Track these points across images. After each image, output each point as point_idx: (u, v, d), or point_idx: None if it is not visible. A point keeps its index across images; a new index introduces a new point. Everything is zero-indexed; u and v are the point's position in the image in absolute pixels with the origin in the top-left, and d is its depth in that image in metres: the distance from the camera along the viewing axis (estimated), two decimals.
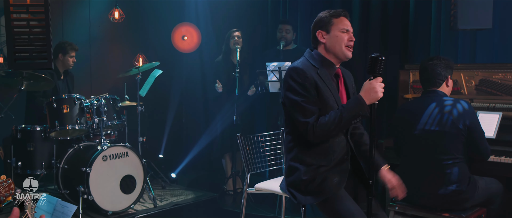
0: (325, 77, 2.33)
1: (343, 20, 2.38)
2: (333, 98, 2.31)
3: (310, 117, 2.22)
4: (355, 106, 2.21)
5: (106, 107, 4.13)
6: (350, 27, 2.39)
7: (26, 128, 4.09)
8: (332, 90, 2.33)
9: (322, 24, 2.39)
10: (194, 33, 6.25)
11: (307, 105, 2.24)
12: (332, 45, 2.36)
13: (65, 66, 4.63)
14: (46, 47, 2.57)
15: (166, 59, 6.00)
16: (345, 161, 2.36)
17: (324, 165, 2.31)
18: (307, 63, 2.35)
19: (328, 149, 2.31)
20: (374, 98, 2.21)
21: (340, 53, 2.35)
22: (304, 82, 2.25)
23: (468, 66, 3.67)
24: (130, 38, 6.14)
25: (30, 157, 4.05)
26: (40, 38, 2.56)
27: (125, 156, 4.04)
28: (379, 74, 2.24)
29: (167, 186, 5.08)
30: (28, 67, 2.68)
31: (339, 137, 2.34)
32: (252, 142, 3.14)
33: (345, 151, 2.37)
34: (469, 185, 2.85)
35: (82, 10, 5.73)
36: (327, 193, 2.27)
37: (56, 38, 5.32)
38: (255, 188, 2.96)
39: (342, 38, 2.34)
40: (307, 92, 2.25)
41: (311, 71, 2.30)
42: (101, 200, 3.85)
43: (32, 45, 2.56)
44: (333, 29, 2.36)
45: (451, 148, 2.82)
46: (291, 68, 2.31)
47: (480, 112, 3.45)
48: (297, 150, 2.35)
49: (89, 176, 3.79)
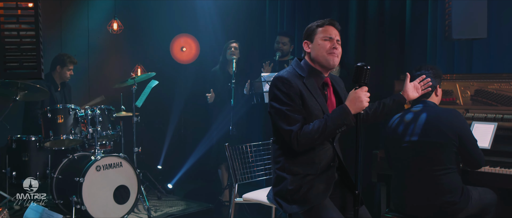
0: (311, 86, 2.32)
1: (327, 29, 2.38)
2: (319, 107, 2.30)
3: (294, 125, 2.22)
4: (339, 116, 2.20)
5: (101, 118, 4.14)
6: (335, 35, 2.38)
7: (21, 138, 4.11)
8: (319, 99, 2.32)
9: (308, 34, 2.43)
10: (193, 44, 6.29)
11: (291, 114, 2.23)
12: (315, 53, 2.37)
13: (62, 78, 4.66)
14: (36, 57, 2.59)
15: (165, 70, 6.04)
16: (331, 168, 2.35)
17: (311, 173, 2.30)
18: (293, 72, 2.35)
19: (314, 158, 2.30)
20: (359, 108, 2.20)
21: (323, 60, 2.35)
22: (288, 91, 2.25)
23: (463, 76, 3.65)
24: (128, 49, 6.18)
25: (24, 167, 4.06)
26: (30, 48, 2.58)
27: (119, 167, 4.04)
28: (365, 83, 2.23)
29: (163, 196, 5.06)
30: (18, 76, 2.70)
31: (325, 145, 2.33)
32: (240, 152, 3.13)
33: (332, 159, 2.36)
34: (462, 196, 2.82)
35: (81, 22, 5.78)
36: (312, 202, 2.26)
37: (54, 49, 5.36)
38: (243, 198, 2.94)
39: (324, 45, 2.35)
40: (292, 101, 2.25)
41: (296, 80, 2.30)
42: (94, 210, 3.83)
43: (22, 55, 2.59)
44: (316, 38, 2.38)
45: (442, 158, 2.79)
46: (276, 77, 2.31)
47: (475, 123, 3.42)
48: (283, 159, 2.34)
49: (82, 186, 3.79)
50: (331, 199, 2.37)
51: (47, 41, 5.50)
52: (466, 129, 2.84)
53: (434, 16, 4.02)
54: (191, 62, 6.31)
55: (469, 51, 4.01)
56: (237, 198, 3.02)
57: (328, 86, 2.42)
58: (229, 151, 3.07)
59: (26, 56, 2.57)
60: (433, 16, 4.02)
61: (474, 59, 4.02)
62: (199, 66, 6.15)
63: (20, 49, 2.56)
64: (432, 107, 2.95)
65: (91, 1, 5.83)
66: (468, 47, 4.00)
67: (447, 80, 3.67)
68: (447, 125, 2.80)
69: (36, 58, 2.58)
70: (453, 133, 2.78)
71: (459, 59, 4.07)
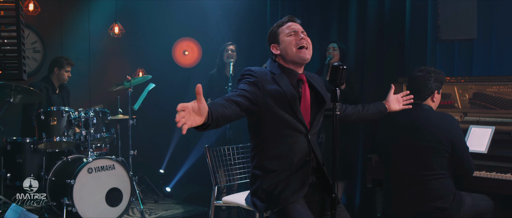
0: (283, 83, 2.29)
1: (289, 25, 2.38)
2: (287, 104, 2.25)
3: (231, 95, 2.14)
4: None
5: (95, 120, 4.14)
6: (297, 28, 2.37)
7: (16, 140, 4.13)
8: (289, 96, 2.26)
9: (272, 37, 2.41)
10: (195, 48, 6.28)
11: (240, 86, 2.20)
12: (285, 52, 2.34)
13: (60, 80, 4.68)
14: (17, 58, 2.59)
15: (167, 74, 6.03)
16: (307, 164, 2.29)
17: (286, 169, 2.25)
18: (264, 70, 2.34)
19: (288, 151, 2.26)
20: None
21: (294, 56, 2.32)
22: (248, 78, 2.24)
23: (461, 79, 3.57)
24: (130, 52, 6.20)
25: (19, 169, 4.08)
26: (12, 49, 2.59)
27: (111, 169, 4.02)
28: (341, 83, 2.17)
29: (160, 200, 5.04)
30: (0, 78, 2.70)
31: (298, 137, 2.28)
32: (220, 154, 3.09)
33: (307, 152, 2.30)
34: (454, 202, 2.74)
35: (82, 25, 5.82)
36: (284, 202, 2.21)
37: (55, 52, 5.42)
38: (222, 201, 2.89)
39: (290, 41, 2.33)
40: (246, 85, 2.21)
41: (263, 75, 2.28)
42: (85, 212, 3.82)
43: (4, 56, 2.59)
44: (281, 37, 2.37)
45: (433, 163, 2.73)
46: (244, 69, 2.32)
47: (473, 126, 3.33)
48: (258, 157, 2.31)
49: (73, 188, 3.78)
50: (310, 203, 2.33)
51: (48, 45, 5.58)
52: (459, 135, 2.77)
53: (434, 17, 3.95)
54: (194, 65, 6.31)
55: (469, 53, 3.94)
56: (216, 201, 2.97)
57: (303, 82, 2.37)
58: (209, 154, 3.02)
59: (7, 57, 2.58)
60: (433, 18, 3.95)
61: (474, 62, 3.94)
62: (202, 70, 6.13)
63: (2, 50, 2.57)
64: (426, 111, 2.88)
65: (92, 5, 5.88)
66: (469, 49, 3.92)
67: (445, 83, 3.58)
68: (439, 130, 2.74)
69: (18, 59, 2.59)
70: (446, 138, 2.72)
71: (459, 62, 4.00)
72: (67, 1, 5.73)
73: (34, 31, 5.51)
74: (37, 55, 5.54)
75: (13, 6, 2.58)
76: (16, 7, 2.59)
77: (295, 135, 2.26)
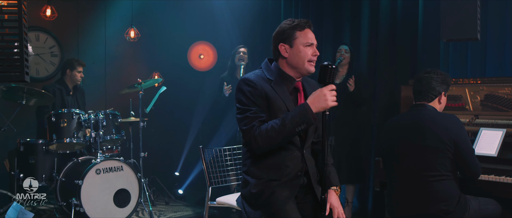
0: (280, 90, 2.23)
1: (307, 33, 2.23)
2: (286, 110, 2.21)
3: (253, 125, 2.13)
4: (299, 113, 2.08)
5: (105, 122, 4.21)
6: (314, 40, 2.25)
7: (28, 141, 4.24)
8: (287, 102, 2.22)
9: (285, 37, 2.24)
10: (210, 52, 6.32)
11: (251, 115, 2.15)
12: (295, 60, 2.23)
13: (74, 81, 4.78)
14: (19, 60, 2.67)
15: (182, 78, 6.09)
16: (298, 178, 2.24)
17: (275, 179, 2.21)
18: (261, 75, 2.26)
19: (280, 164, 2.21)
20: (323, 106, 2.08)
21: (303, 69, 2.24)
22: (252, 93, 2.17)
23: (472, 80, 3.49)
24: (145, 56, 6.29)
25: (31, 169, 4.18)
26: (14, 52, 2.67)
27: (120, 170, 4.08)
28: (330, 83, 2.12)
29: (171, 202, 5.08)
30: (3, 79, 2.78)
31: (293, 151, 2.23)
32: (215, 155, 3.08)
33: (300, 168, 2.25)
34: (458, 205, 2.66)
35: (99, 30, 5.94)
36: (273, 207, 2.18)
37: (72, 56, 5.53)
38: (216, 201, 2.89)
39: (306, 53, 2.21)
40: (254, 102, 2.17)
41: (263, 83, 2.21)
42: (93, 213, 3.89)
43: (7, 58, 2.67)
44: (296, 43, 2.22)
45: (436, 164, 2.66)
46: (242, 79, 2.23)
47: (483, 129, 3.25)
48: (250, 163, 2.28)
49: (80, 188, 3.85)
50: (302, 205, 2.30)
51: (65, 49, 5.72)
52: (462, 136, 2.70)
53: None
54: (209, 69, 6.34)
55: (482, 54, 3.83)
56: (210, 202, 2.97)
57: (299, 91, 2.32)
58: (203, 154, 3.03)
59: (10, 59, 2.65)
60: None
61: (487, 63, 3.83)
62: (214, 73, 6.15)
63: (4, 52, 2.65)
64: (429, 111, 2.83)
65: (109, 10, 5.99)
66: (482, 50, 3.82)
67: (456, 85, 3.50)
68: (442, 130, 2.68)
69: (20, 62, 2.67)
70: (449, 139, 2.66)
71: (473, 63, 3.90)
72: (84, 6, 5.87)
73: (52, 36, 5.66)
74: (55, 59, 5.68)
75: (16, 10, 2.67)
76: (18, 10, 2.67)
77: (289, 147, 2.22)
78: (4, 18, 2.68)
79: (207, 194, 3.01)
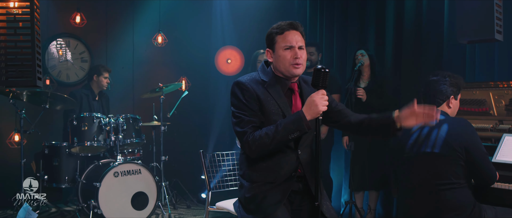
0: (274, 91, 2.22)
1: (286, 36, 2.19)
2: (280, 112, 2.19)
3: (246, 129, 2.14)
4: (292, 121, 2.08)
5: (125, 126, 4.30)
6: (296, 41, 2.18)
7: (53, 144, 4.39)
8: (281, 104, 2.20)
9: (269, 42, 2.26)
10: (237, 56, 6.34)
11: (246, 118, 2.15)
12: (278, 64, 2.22)
13: (100, 87, 4.92)
14: (31, 66, 2.78)
15: (210, 82, 6.14)
16: (292, 178, 2.22)
17: (270, 182, 2.19)
18: (255, 77, 2.26)
19: (275, 165, 2.19)
20: (315, 113, 2.05)
21: (286, 72, 2.21)
22: (244, 96, 2.17)
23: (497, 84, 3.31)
24: (173, 61, 6.37)
25: (55, 172, 4.33)
26: (27, 58, 2.78)
27: (138, 173, 4.15)
28: (323, 87, 2.08)
29: (193, 206, 5.11)
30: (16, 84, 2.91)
31: (287, 153, 2.20)
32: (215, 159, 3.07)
33: (294, 168, 2.22)
34: (472, 214, 2.54)
35: (127, 35, 6.08)
36: (264, 212, 2.17)
37: (100, 62, 5.71)
38: (216, 206, 2.87)
39: (284, 57, 2.18)
40: (247, 105, 2.16)
41: (255, 85, 2.20)
42: (110, 215, 3.97)
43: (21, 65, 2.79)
44: (276, 48, 2.21)
45: (447, 172, 2.55)
46: (234, 82, 2.24)
47: (506, 135, 3.07)
48: (245, 166, 2.27)
49: (98, 190, 3.94)
50: (297, 211, 2.27)
51: (95, 55, 5.90)
52: (474, 141, 2.56)
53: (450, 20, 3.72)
54: (237, 73, 6.36)
55: (510, 57, 3.62)
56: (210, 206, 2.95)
57: (294, 92, 2.29)
58: (204, 159, 3.02)
59: (24, 65, 2.77)
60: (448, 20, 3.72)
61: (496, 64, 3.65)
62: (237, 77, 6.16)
63: (18, 59, 2.76)
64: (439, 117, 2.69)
65: (136, 16, 6.13)
66: (510, 53, 3.61)
67: (480, 88, 3.33)
68: (452, 136, 2.56)
69: (32, 67, 2.78)
70: (459, 145, 2.53)
71: (500, 66, 3.69)
72: (112, 13, 6.03)
73: (82, 42, 5.85)
74: (84, 65, 5.87)
75: (29, 18, 2.79)
76: (31, 18, 2.78)
77: (283, 150, 2.20)
78: (18, 25, 2.82)
79: (207, 198, 3.00)
